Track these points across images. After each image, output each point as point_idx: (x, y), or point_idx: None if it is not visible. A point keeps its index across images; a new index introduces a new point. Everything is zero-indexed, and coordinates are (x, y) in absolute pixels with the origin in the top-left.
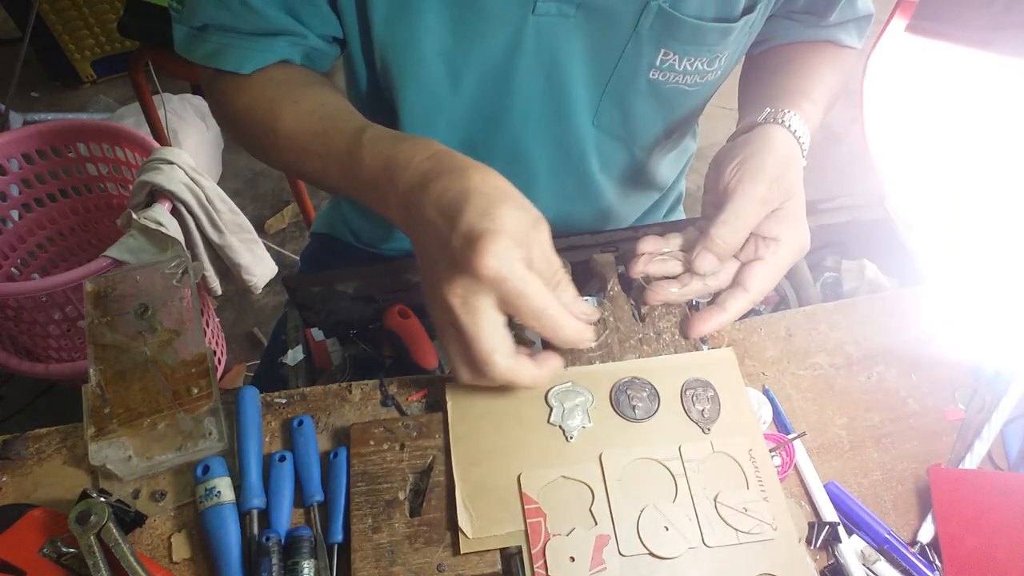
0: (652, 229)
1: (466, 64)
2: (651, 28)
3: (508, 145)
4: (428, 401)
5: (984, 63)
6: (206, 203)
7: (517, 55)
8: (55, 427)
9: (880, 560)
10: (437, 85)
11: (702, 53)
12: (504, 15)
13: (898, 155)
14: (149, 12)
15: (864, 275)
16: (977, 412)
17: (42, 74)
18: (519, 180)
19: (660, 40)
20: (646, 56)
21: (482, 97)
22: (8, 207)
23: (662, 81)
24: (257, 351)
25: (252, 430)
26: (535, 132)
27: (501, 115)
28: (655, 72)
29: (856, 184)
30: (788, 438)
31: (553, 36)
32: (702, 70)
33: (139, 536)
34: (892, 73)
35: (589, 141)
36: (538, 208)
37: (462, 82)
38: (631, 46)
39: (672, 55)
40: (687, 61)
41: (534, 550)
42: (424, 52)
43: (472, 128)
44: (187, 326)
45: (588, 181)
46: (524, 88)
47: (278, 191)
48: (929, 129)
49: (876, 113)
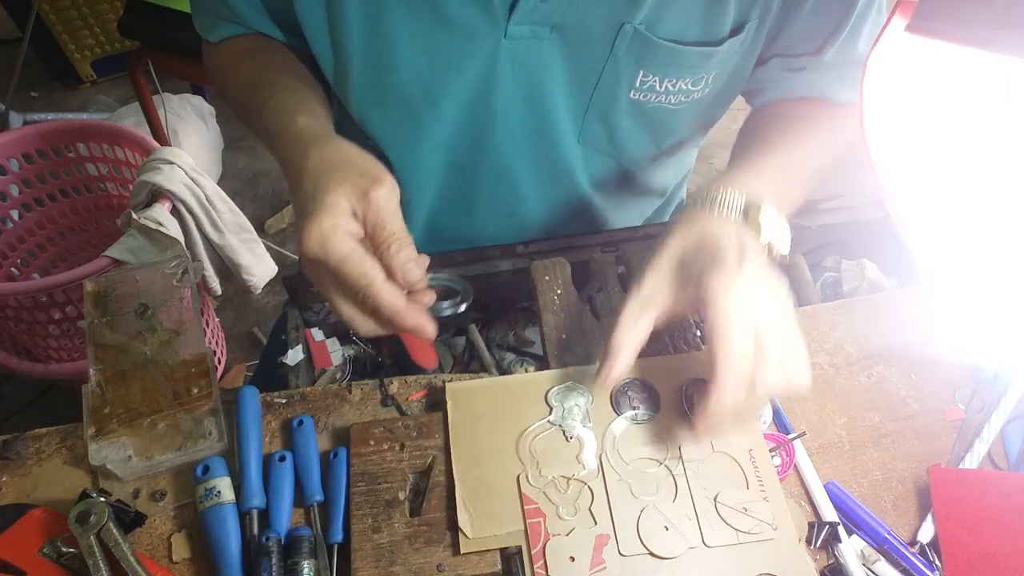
0: (653, 229)
1: (443, 89)
2: (627, 50)
3: (493, 164)
4: (428, 401)
5: (984, 63)
6: (206, 203)
7: (494, 78)
8: (55, 427)
9: (880, 560)
10: (416, 110)
11: (683, 75)
12: (476, 40)
13: (898, 155)
14: (149, 12)
15: (864, 275)
16: (977, 412)
17: (42, 74)
18: (507, 197)
19: (638, 62)
20: (625, 77)
21: (463, 120)
22: (8, 207)
23: (643, 101)
24: (257, 351)
25: (252, 430)
26: (520, 151)
27: (484, 137)
28: (635, 92)
29: (856, 184)
30: (788, 438)
31: (529, 58)
32: (686, 90)
33: (139, 536)
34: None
35: (576, 157)
36: (530, 221)
37: (441, 106)
38: (609, 67)
39: (652, 76)
40: (668, 82)
41: (534, 550)
42: (401, 77)
43: (456, 150)
44: (187, 326)
45: (578, 195)
46: (504, 110)
47: (278, 191)
48: (929, 129)
49: (876, 113)
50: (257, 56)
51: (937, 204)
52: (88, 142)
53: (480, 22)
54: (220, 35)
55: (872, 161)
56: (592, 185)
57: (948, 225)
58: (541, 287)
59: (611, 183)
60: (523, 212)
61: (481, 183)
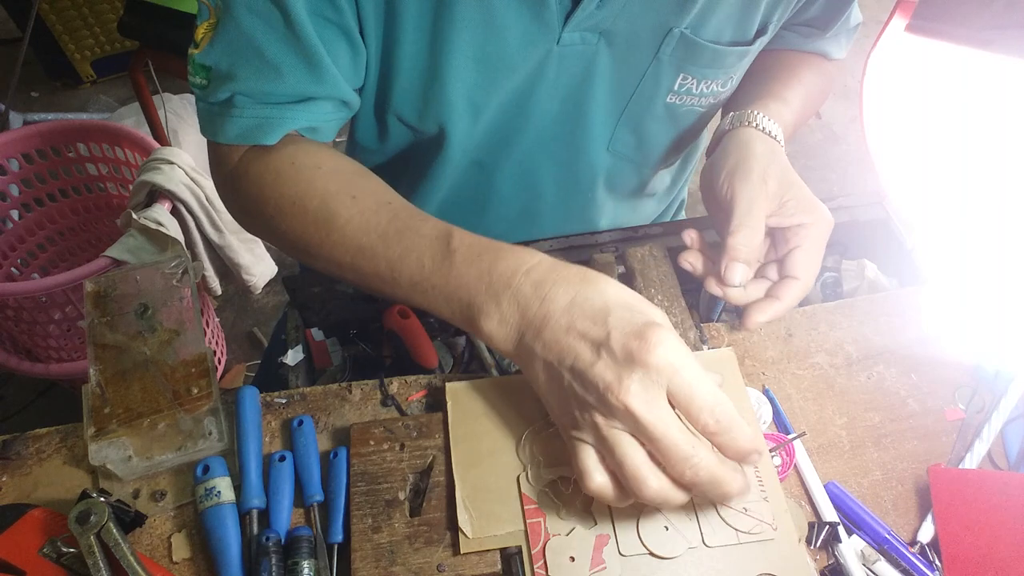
0: (653, 229)
1: (487, 98)
2: (672, 54)
3: (517, 167)
4: (428, 401)
5: (984, 63)
6: (206, 203)
7: (537, 84)
8: (55, 427)
9: (880, 560)
10: (457, 120)
11: (719, 76)
12: (529, 49)
13: (898, 155)
14: (149, 12)
15: (864, 275)
16: (977, 412)
17: (42, 74)
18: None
19: (680, 65)
20: (665, 81)
21: (497, 122)
22: (8, 207)
23: (678, 104)
24: (257, 351)
25: (252, 430)
26: (546, 157)
27: (513, 140)
28: (672, 96)
29: (856, 184)
30: (788, 438)
31: (575, 64)
32: (716, 91)
33: (139, 536)
34: (892, 73)
35: (601, 165)
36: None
37: (482, 114)
38: (651, 71)
39: (691, 79)
40: (704, 84)
41: (534, 550)
42: (448, 95)
43: (482, 149)
44: (187, 326)
45: (591, 201)
46: (539, 115)
47: None
48: (929, 129)
49: (876, 113)
50: (369, 180)
51: (937, 204)
52: (88, 142)
53: (535, 31)
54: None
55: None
56: (607, 191)
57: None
58: None
59: (625, 190)
60: (537, 215)
61: (501, 184)
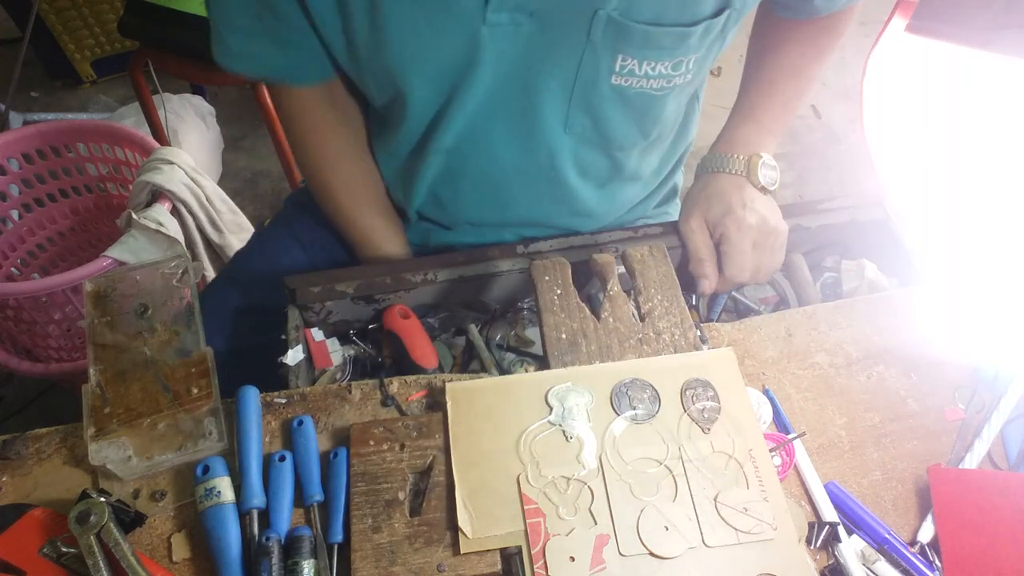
0: (653, 229)
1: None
2: (603, 35)
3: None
4: (428, 401)
5: (984, 63)
6: (206, 203)
7: (477, 64)
8: (55, 427)
9: (880, 560)
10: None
11: (661, 57)
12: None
13: (898, 155)
14: (149, 12)
15: (864, 275)
16: (977, 412)
17: (42, 74)
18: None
19: (615, 47)
20: (604, 63)
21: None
22: (8, 207)
23: (626, 86)
24: None
25: (252, 430)
26: (505, 139)
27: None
28: (616, 78)
29: (856, 184)
30: (788, 438)
31: (511, 46)
32: (666, 74)
33: (139, 536)
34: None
35: (564, 148)
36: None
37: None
38: (588, 53)
39: (631, 60)
40: (647, 65)
41: (534, 550)
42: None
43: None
44: (187, 326)
45: (561, 185)
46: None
47: (278, 191)
48: (929, 129)
49: (876, 113)
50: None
51: (937, 204)
52: (88, 142)
53: (461, 8)
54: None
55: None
56: (579, 174)
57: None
58: (541, 287)
59: (599, 173)
60: (508, 198)
61: (469, 166)
